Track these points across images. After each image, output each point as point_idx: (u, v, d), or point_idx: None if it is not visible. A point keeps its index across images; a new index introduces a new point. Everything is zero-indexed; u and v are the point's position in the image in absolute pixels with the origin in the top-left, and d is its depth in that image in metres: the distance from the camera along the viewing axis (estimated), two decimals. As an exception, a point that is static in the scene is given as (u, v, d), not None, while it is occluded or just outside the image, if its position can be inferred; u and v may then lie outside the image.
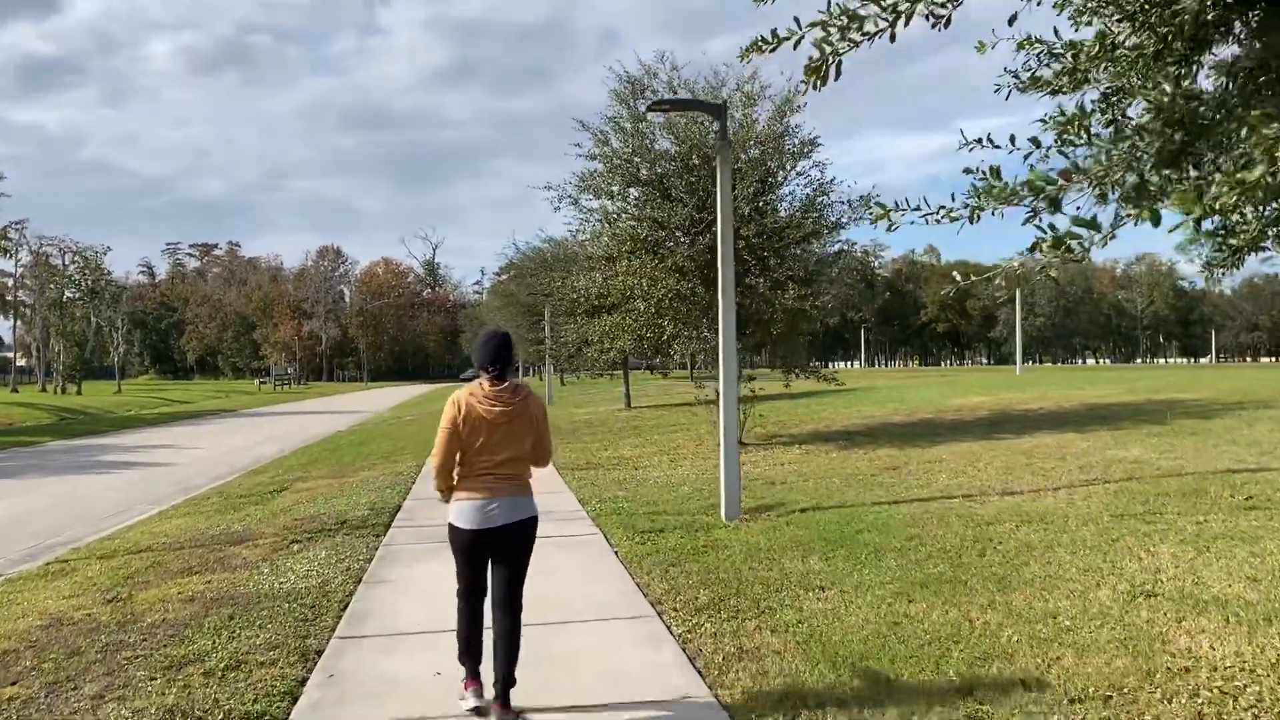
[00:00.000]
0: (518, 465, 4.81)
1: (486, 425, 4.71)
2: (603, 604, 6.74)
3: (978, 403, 20.92)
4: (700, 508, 10.48)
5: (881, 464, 12.88)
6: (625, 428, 22.29)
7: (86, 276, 78.45)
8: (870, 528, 8.77)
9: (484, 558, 4.85)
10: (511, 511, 4.76)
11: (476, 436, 4.72)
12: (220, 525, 11.19)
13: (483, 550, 4.81)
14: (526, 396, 4.83)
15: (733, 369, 10.05)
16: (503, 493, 4.74)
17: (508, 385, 4.78)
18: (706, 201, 15.10)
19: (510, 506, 4.76)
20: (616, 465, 14.92)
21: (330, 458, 19.36)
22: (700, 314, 15.03)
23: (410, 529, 9.95)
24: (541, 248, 34.00)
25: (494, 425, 4.71)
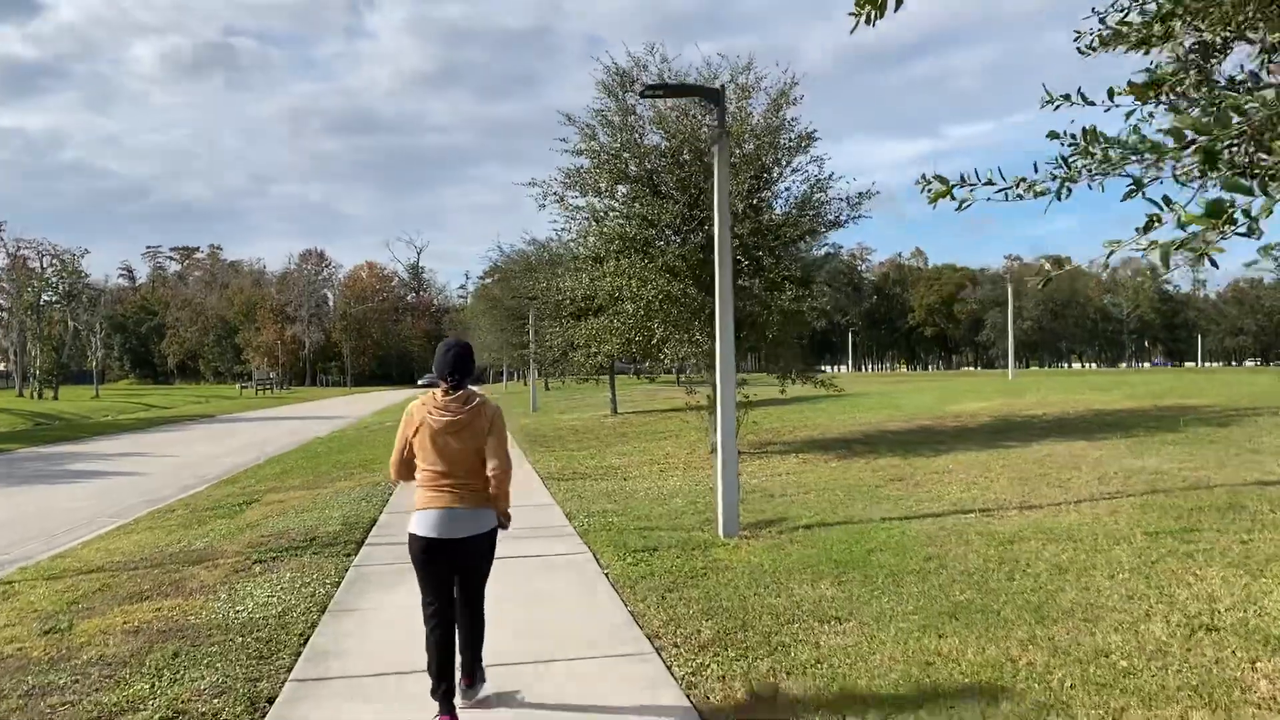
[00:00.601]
0: (469, 476, 4.69)
1: (433, 434, 4.66)
2: (594, 637, 6.02)
3: (978, 409, 20.31)
4: (696, 523, 9.79)
5: (886, 475, 12.21)
6: (612, 435, 21.58)
7: (63, 279, 77.19)
8: (883, 547, 8.09)
9: (443, 570, 4.74)
10: (464, 524, 4.66)
11: (426, 446, 4.69)
12: (181, 542, 10.42)
13: (439, 561, 4.70)
14: (479, 406, 4.72)
15: (731, 373, 9.37)
16: (455, 503, 4.65)
17: (459, 395, 4.71)
18: (699, 199, 14.45)
19: (462, 518, 4.65)
20: (604, 475, 14.20)
21: (306, 467, 18.56)
22: (692, 316, 14.35)
23: (384, 547, 9.21)
24: (526, 250, 33.31)
25: (441, 435, 4.66)
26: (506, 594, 7.08)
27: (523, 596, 7.04)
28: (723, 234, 9.36)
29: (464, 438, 4.65)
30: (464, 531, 4.65)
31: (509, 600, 6.90)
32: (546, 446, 19.69)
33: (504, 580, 7.47)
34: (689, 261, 14.14)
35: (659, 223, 14.22)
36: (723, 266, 9.33)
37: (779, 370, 15.32)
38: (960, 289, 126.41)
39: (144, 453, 25.35)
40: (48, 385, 71.39)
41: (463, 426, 4.66)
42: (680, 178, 14.47)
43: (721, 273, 9.31)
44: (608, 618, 6.46)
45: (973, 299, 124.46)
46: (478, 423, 4.68)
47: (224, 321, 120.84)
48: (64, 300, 78.20)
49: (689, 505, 10.92)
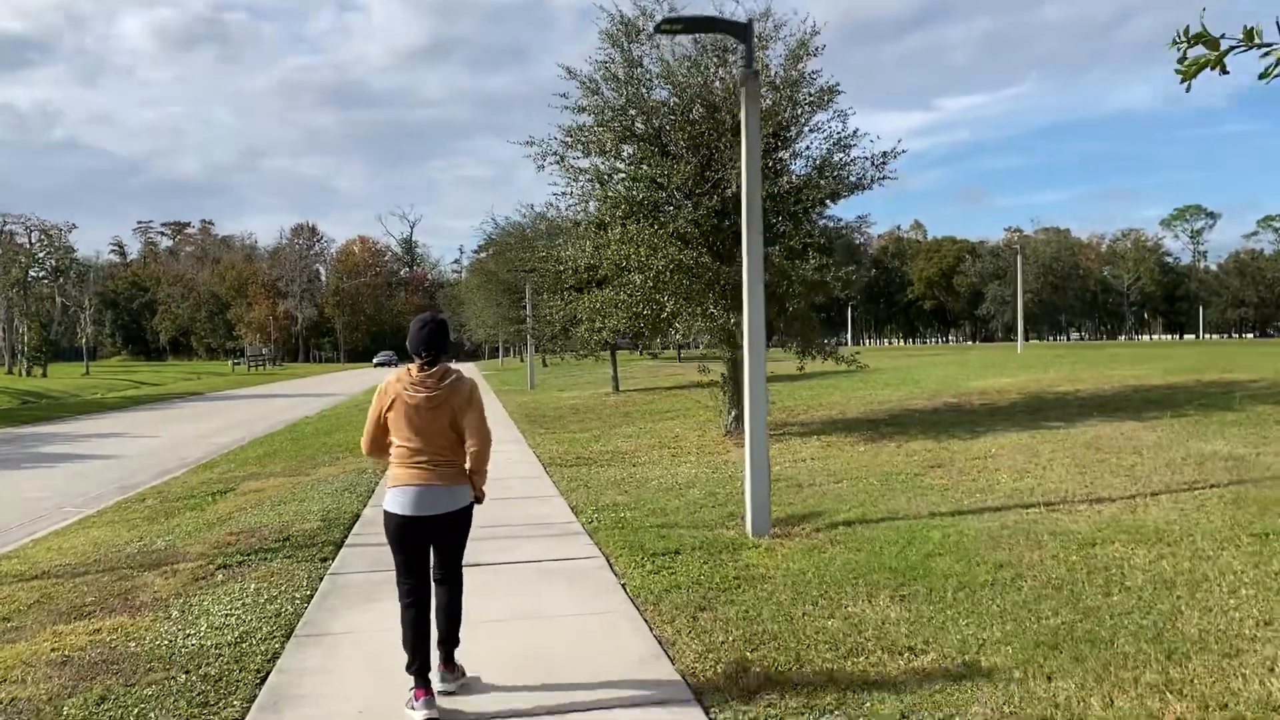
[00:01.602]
0: (445, 453, 4.61)
1: (408, 410, 4.59)
2: (615, 675, 4.91)
3: (1003, 385, 19.20)
4: (719, 518, 8.68)
5: (922, 460, 11.11)
6: (616, 415, 20.46)
7: (51, 255, 75.71)
8: (941, 550, 6.99)
9: (419, 548, 4.65)
10: (439, 501, 4.57)
11: (400, 422, 4.61)
12: (142, 540, 9.30)
13: (414, 538, 4.62)
14: (454, 382, 4.63)
15: (761, 349, 8.22)
16: (430, 480, 4.57)
17: (434, 371, 4.62)
18: (711, 159, 13.26)
19: (437, 495, 4.57)
20: (611, 461, 13.09)
21: (291, 449, 17.44)
22: (705, 288, 13.18)
23: (366, 549, 8.09)
24: (521, 222, 32.02)
25: (416, 411, 4.58)
26: (502, 611, 5.98)
27: (523, 615, 5.93)
28: (752, 189, 8.18)
29: (440, 414, 4.58)
30: (440, 508, 4.57)
31: (505, 620, 5.79)
32: (546, 428, 18.57)
33: (499, 593, 6.36)
34: (702, 228, 12.96)
35: (669, 185, 13.02)
36: (751, 226, 8.15)
37: (798, 346, 14.17)
38: (959, 261, 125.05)
39: (125, 433, 24.21)
40: (36, 363, 70.08)
41: (439, 403, 4.58)
42: (691, 135, 13.27)
43: (750, 233, 8.14)
44: (630, 647, 5.34)
45: (972, 272, 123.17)
46: (454, 399, 4.61)
47: (216, 297, 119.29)
48: (52, 276, 76.75)
49: (708, 497, 9.81)
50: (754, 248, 8.13)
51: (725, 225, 13.15)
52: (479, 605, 5.88)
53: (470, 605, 5.27)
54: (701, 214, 12.78)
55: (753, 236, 8.13)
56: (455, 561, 4.80)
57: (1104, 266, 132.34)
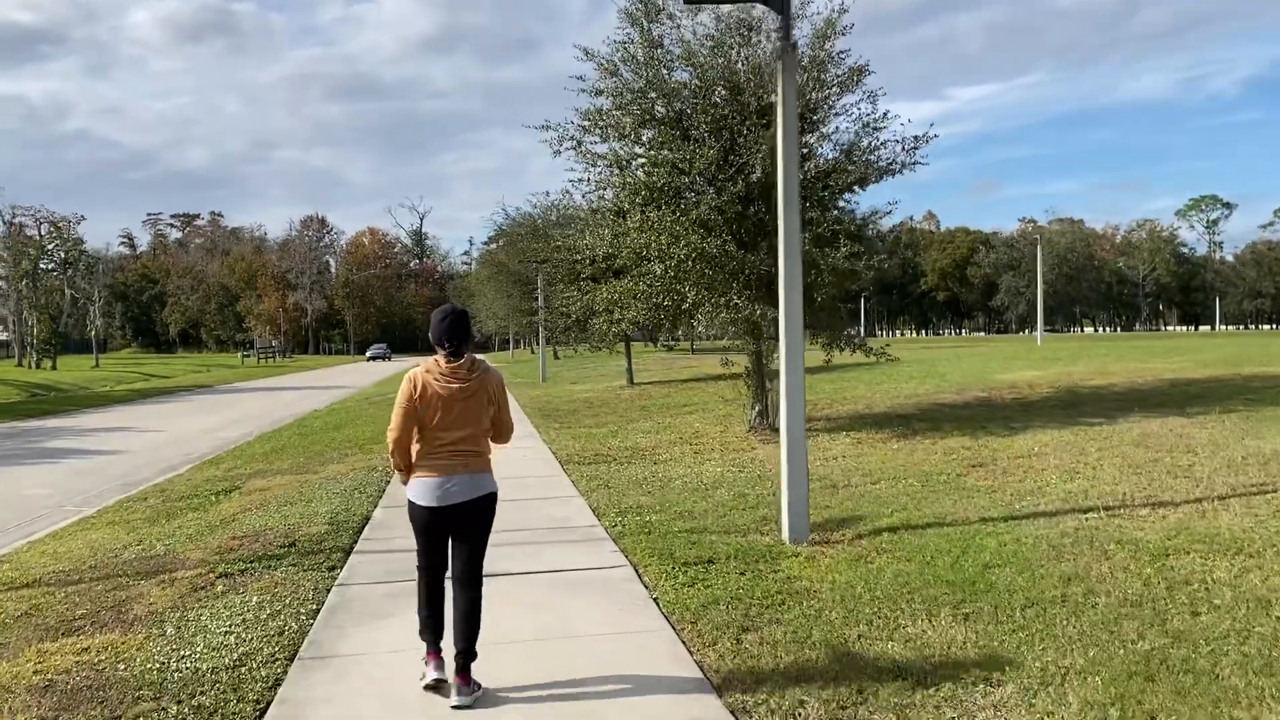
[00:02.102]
0: (476, 442, 4.68)
1: (443, 402, 4.59)
2: (655, 712, 4.38)
3: (1031, 378, 18.60)
4: (751, 522, 8.14)
5: (961, 459, 10.55)
6: (632, 408, 19.92)
7: (59, 246, 75.47)
8: (999, 560, 6.44)
9: (444, 535, 4.71)
10: (470, 488, 4.62)
11: (433, 414, 4.60)
12: (142, 543, 8.82)
13: (442, 527, 4.67)
14: (484, 373, 4.69)
15: (798, 341, 7.66)
16: (461, 470, 4.61)
17: (464, 361, 4.64)
18: (735, 143, 12.69)
19: (469, 483, 4.62)
20: (631, 458, 12.55)
21: (298, 445, 16.96)
22: (729, 277, 12.62)
23: (377, 555, 7.58)
24: (533, 213, 31.44)
25: (451, 402, 4.59)
26: (525, 629, 5.46)
27: (547, 635, 5.40)
28: (788, 168, 7.62)
29: (473, 404, 4.62)
30: (465, 495, 4.60)
31: (529, 642, 5.26)
32: (561, 422, 18.05)
33: (521, 607, 5.84)
34: (726, 214, 12.39)
35: (690, 170, 12.45)
36: (788, 207, 7.59)
37: (826, 338, 13.60)
38: (973, 252, 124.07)
39: (131, 427, 23.80)
40: (46, 355, 69.88)
41: (472, 394, 4.62)
42: (714, 119, 12.69)
43: (787, 215, 7.58)
44: (670, 676, 4.79)
45: (986, 263, 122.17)
46: (484, 390, 4.66)
47: (225, 289, 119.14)
48: (60, 268, 76.52)
49: (737, 498, 9.27)
50: (791, 231, 7.58)
51: (750, 212, 12.59)
52: (499, 622, 5.37)
53: (489, 621, 4.83)
54: (725, 200, 12.21)
55: (790, 219, 7.57)
56: (477, 558, 4.72)
57: (1119, 257, 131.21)
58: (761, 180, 12.51)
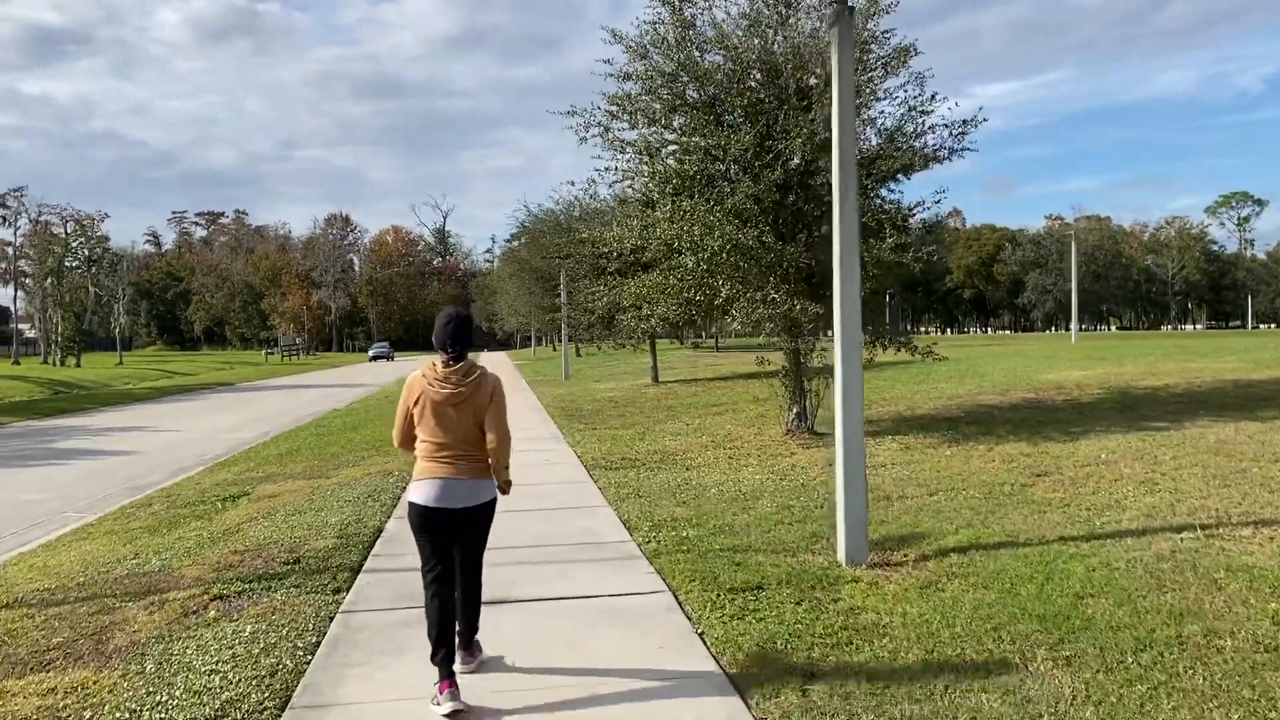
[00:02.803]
0: (469, 447, 4.60)
1: (434, 406, 4.60)
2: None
3: (1078, 379, 17.68)
4: (800, 539, 7.37)
5: (1022, 467, 9.72)
6: (658, 408, 19.15)
7: (83, 244, 75.55)
8: (1092, 589, 5.63)
9: (442, 539, 4.64)
10: (463, 494, 4.57)
11: (426, 417, 4.62)
12: (138, 557, 8.15)
13: (439, 529, 4.61)
14: (479, 379, 4.63)
15: (856, 337, 6.88)
16: (455, 474, 4.57)
17: (460, 367, 4.63)
18: (771, 129, 11.90)
19: (462, 489, 4.57)
20: (661, 463, 11.79)
21: (314, 446, 16.32)
22: (766, 270, 11.84)
23: (388, 576, 6.86)
24: (555, 209, 30.71)
25: (441, 406, 4.59)
26: (551, 676, 4.68)
27: (579, 687, 4.62)
28: (845, 146, 6.83)
29: (464, 410, 4.59)
30: (462, 502, 4.59)
31: (558, 701, 4.47)
32: (586, 423, 17.31)
33: (546, 645, 5.09)
34: (762, 203, 11.59)
35: (725, 157, 11.67)
36: (845, 190, 6.80)
37: (869, 334, 12.79)
38: (999, 250, 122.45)
39: (147, 426, 23.29)
40: (69, 353, 69.91)
41: (463, 399, 4.59)
42: (750, 102, 11.91)
43: (844, 199, 6.79)
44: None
45: (1012, 260, 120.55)
46: (478, 396, 4.61)
47: (249, 287, 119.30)
48: (84, 265, 76.62)
49: (781, 511, 8.49)
50: (847, 216, 6.78)
51: (789, 201, 11.80)
52: (515, 661, 4.64)
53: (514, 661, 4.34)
54: (762, 188, 11.41)
55: (846, 202, 6.78)
56: (477, 554, 4.78)
57: (1147, 255, 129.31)
58: (801, 167, 11.73)
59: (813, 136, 11.39)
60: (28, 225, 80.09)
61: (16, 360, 72.21)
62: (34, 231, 77.83)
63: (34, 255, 76.26)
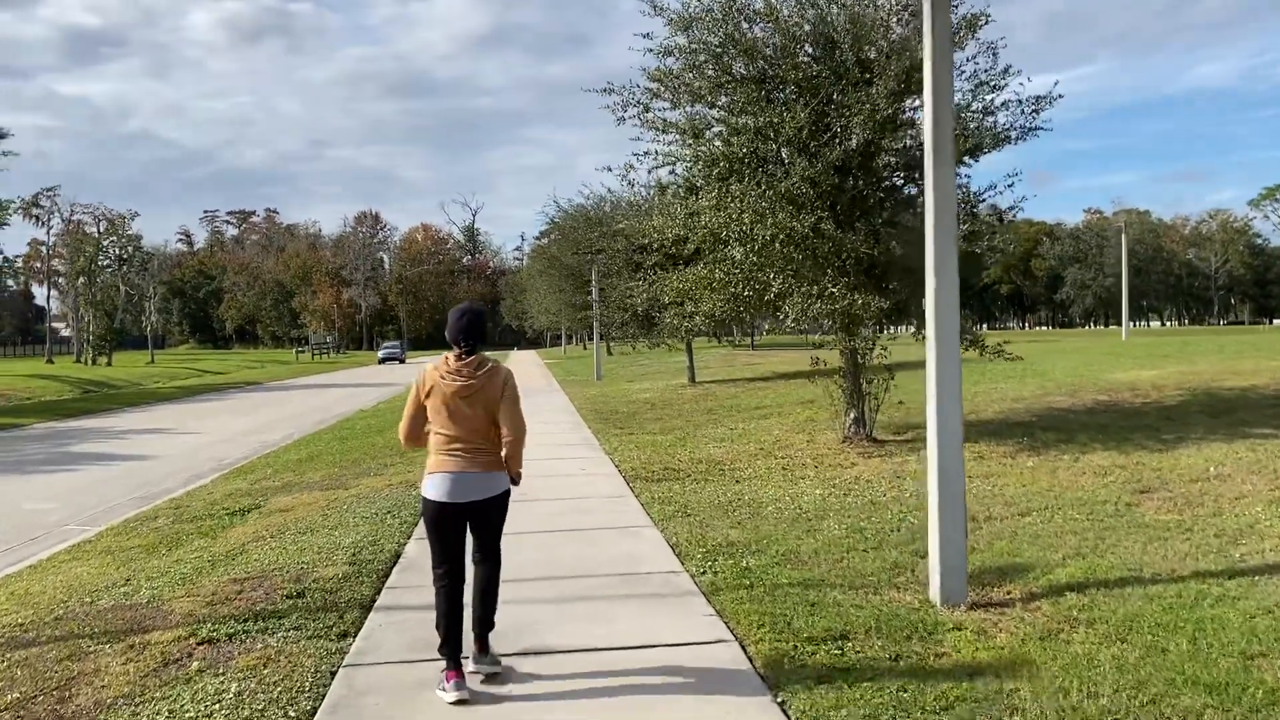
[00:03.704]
0: (480, 440, 4.63)
1: (445, 399, 4.62)
2: None
3: (1150, 378, 16.46)
4: (879, 570, 6.34)
5: (1120, 481, 8.61)
6: (698, 412, 18.13)
7: (114, 243, 75.65)
8: (1262, 646, 4.57)
9: (454, 534, 4.68)
10: (476, 487, 4.61)
11: (438, 410, 4.64)
12: (128, 584, 7.27)
13: (451, 523, 4.65)
14: (491, 372, 4.65)
15: (953, 334, 5.84)
16: (467, 467, 4.60)
17: (472, 360, 4.66)
18: (828, 106, 10.85)
19: (474, 482, 4.60)
20: (707, 474, 10.77)
21: (336, 450, 15.46)
22: (822, 262, 10.78)
23: (404, 616, 5.90)
24: (585, 205, 29.70)
25: (453, 399, 4.61)
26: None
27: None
28: (940, 105, 5.75)
29: (476, 403, 4.61)
30: (475, 495, 4.61)
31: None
32: (621, 427, 16.32)
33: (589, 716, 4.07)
34: (819, 188, 10.53)
35: (777, 136, 10.63)
36: (940, 159, 5.74)
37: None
38: (1037, 244, 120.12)
39: (169, 429, 22.62)
40: (101, 351, 69.97)
41: (475, 391, 4.60)
42: (806, 77, 10.86)
43: (938, 170, 5.73)
44: None
45: (1051, 255, 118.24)
46: (489, 389, 4.63)
47: (280, 285, 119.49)
48: (115, 264, 76.74)
49: (851, 533, 7.45)
50: (943, 183, 5.72)
51: (848, 185, 10.73)
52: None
53: None
54: (819, 170, 10.35)
55: (941, 174, 5.73)
56: (493, 544, 4.81)
57: (1189, 249, 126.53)
58: (860, 148, 10.66)
59: (874, 113, 10.32)
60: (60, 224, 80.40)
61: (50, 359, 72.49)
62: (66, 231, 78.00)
63: (66, 254, 76.44)
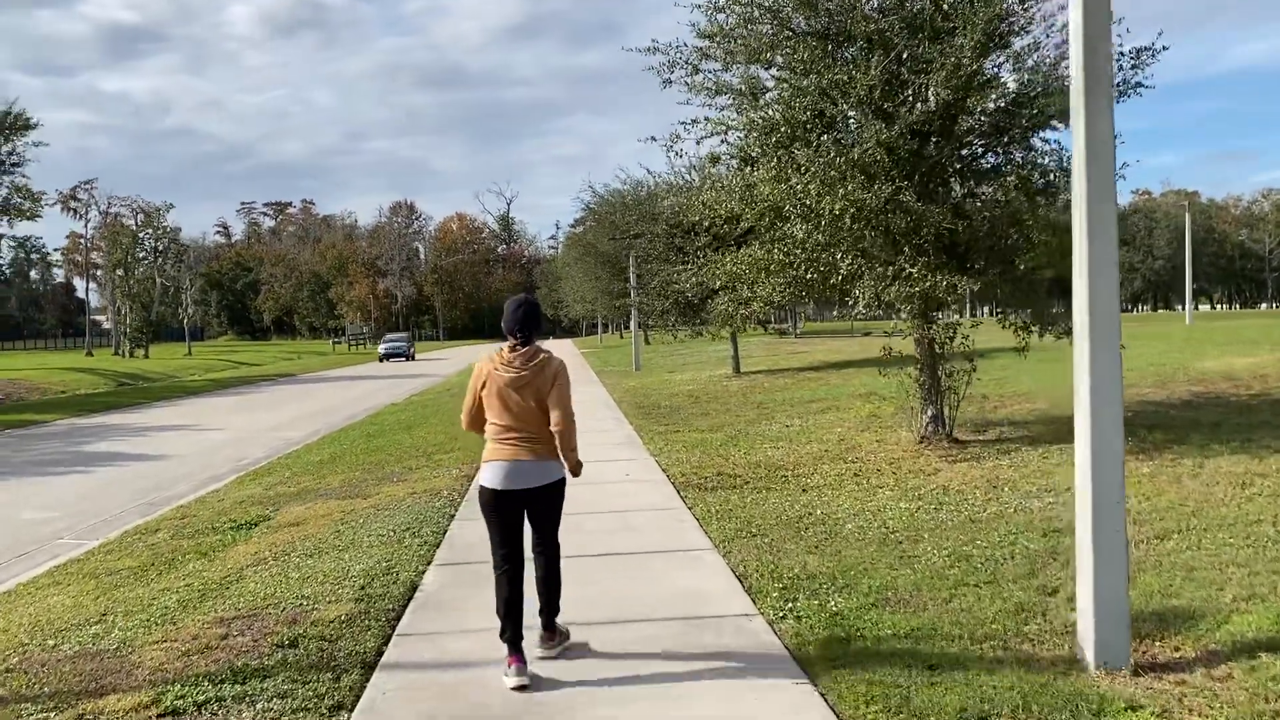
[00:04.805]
0: (534, 429, 4.68)
1: (499, 389, 4.70)
2: None
3: (1246, 367, 14.95)
4: (1005, 615, 5.09)
5: (1267, 493, 7.25)
6: (747, 405, 16.86)
7: (150, 235, 75.63)
8: None
9: (512, 522, 4.75)
10: (532, 475, 4.68)
11: (492, 399, 4.73)
12: (99, 623, 6.19)
13: (509, 511, 4.72)
14: (543, 363, 4.71)
15: (1113, 322, 4.56)
16: (522, 456, 4.66)
17: (525, 351, 4.73)
18: (901, 63, 9.53)
19: (529, 470, 4.67)
20: (768, 480, 9.52)
21: (360, 451, 14.39)
22: (899, 239, 9.48)
23: (416, 678, 4.73)
24: (621, 189, 28.40)
25: (506, 390, 4.68)
26: None
27: None
28: (1094, 22, 4.46)
29: (528, 393, 4.66)
30: (530, 482, 4.67)
31: None
32: (665, 423, 15.10)
33: None
34: (897, 154, 9.21)
35: (847, 97, 9.31)
36: (1094, 92, 4.45)
37: (1025, 317, 10.36)
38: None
39: (193, 425, 21.75)
40: (138, 344, 69.97)
41: (526, 382, 4.65)
42: (874, 30, 9.53)
43: (1092, 95, 4.44)
44: None
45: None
46: (541, 379, 4.67)
47: (317, 277, 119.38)
48: (151, 255, 76.76)
49: (956, 561, 6.18)
50: (1098, 124, 4.43)
51: (927, 152, 9.41)
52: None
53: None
54: (896, 134, 9.03)
55: (1096, 105, 4.42)
56: (551, 533, 4.84)
57: (1240, 230, 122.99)
58: (941, 108, 9.33)
59: (958, 68, 8.99)
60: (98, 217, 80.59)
61: (89, 352, 72.72)
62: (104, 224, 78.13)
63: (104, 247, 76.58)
